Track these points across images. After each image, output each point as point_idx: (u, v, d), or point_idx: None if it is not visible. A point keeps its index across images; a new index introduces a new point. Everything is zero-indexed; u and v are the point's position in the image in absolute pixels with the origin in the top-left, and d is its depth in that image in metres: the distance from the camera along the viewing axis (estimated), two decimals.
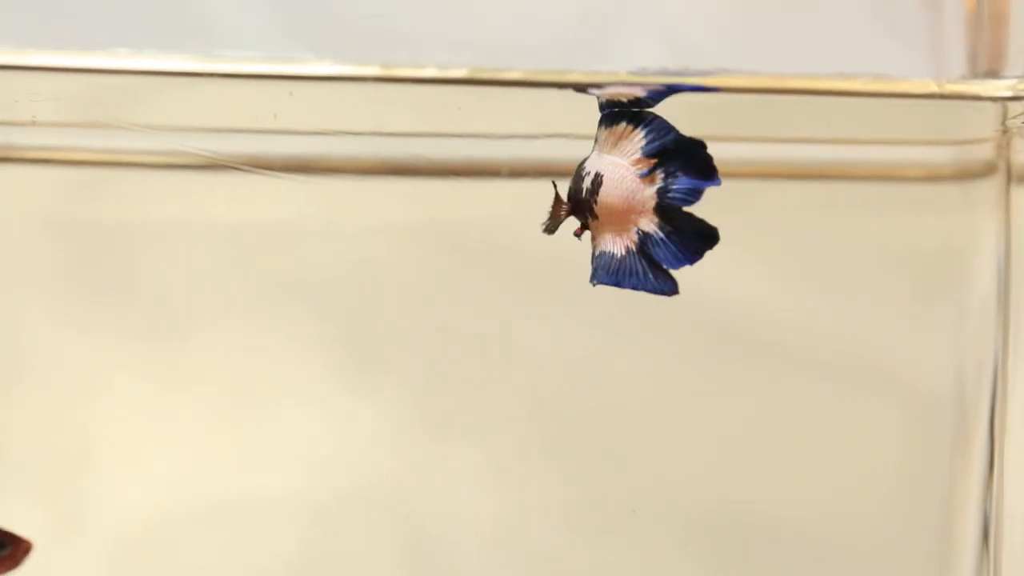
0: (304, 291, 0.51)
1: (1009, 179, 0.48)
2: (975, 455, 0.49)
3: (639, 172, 0.43)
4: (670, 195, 0.42)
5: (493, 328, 0.51)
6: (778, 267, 0.51)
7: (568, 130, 0.47)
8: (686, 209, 0.42)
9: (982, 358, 0.49)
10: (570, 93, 0.46)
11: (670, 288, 0.43)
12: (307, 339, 0.51)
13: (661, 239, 0.43)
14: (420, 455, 0.52)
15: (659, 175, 0.42)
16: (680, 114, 0.48)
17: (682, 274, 0.51)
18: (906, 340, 0.50)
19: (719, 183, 0.42)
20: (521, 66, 0.46)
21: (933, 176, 0.50)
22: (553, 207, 0.44)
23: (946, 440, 0.50)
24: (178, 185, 0.51)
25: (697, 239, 0.43)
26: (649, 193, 0.43)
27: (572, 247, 0.50)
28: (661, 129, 0.43)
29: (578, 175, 0.43)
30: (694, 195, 0.42)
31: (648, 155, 0.43)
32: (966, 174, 0.49)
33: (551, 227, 0.44)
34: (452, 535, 0.52)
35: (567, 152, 0.48)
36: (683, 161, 0.42)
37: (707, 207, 0.48)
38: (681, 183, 0.42)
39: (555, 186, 0.44)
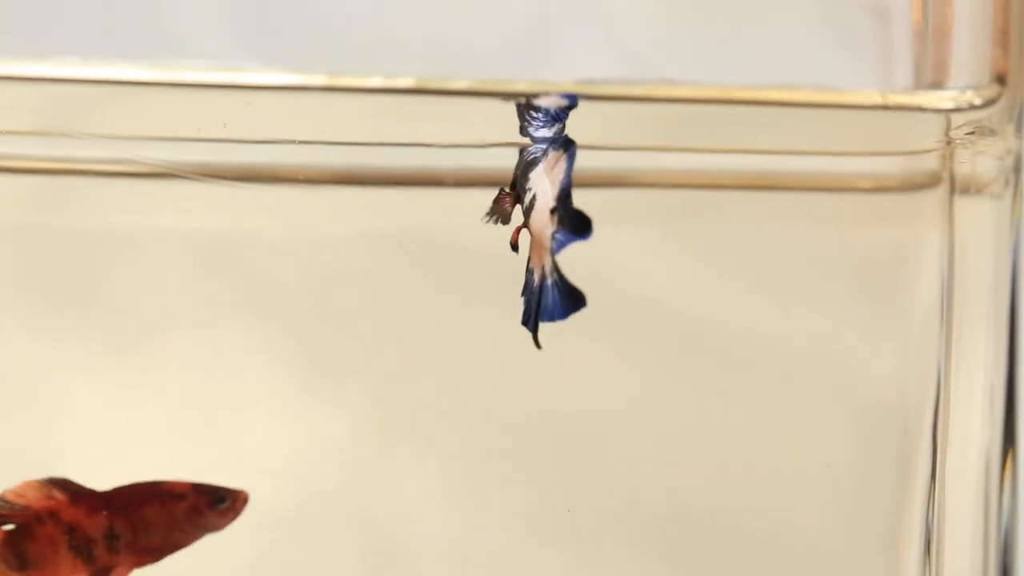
0: (261, 299, 0.52)
1: (952, 190, 0.48)
2: (919, 465, 0.49)
3: (551, 208, 0.43)
4: (554, 242, 0.42)
5: (450, 335, 0.52)
6: (725, 277, 0.51)
7: (515, 139, 0.47)
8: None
9: (926, 368, 0.49)
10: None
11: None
12: (264, 347, 0.51)
13: (549, 284, 0.43)
14: (378, 463, 0.52)
15: (555, 218, 0.43)
16: (627, 125, 0.48)
17: (636, 281, 0.52)
18: (853, 350, 0.51)
19: (587, 238, 0.42)
20: (468, 75, 0.46)
21: (879, 187, 0.50)
22: (498, 199, 0.44)
23: (893, 450, 0.50)
24: (133, 194, 0.51)
25: (569, 298, 0.43)
26: (550, 233, 0.43)
27: (524, 254, 0.50)
28: (572, 166, 0.43)
29: (523, 181, 0.44)
30: (561, 247, 0.42)
31: (559, 193, 0.43)
32: (911, 185, 0.49)
33: (500, 218, 0.44)
34: (411, 543, 0.52)
35: (513, 161, 0.48)
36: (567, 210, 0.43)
37: (654, 216, 0.48)
38: (559, 234, 0.42)
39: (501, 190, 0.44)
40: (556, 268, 0.43)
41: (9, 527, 0.49)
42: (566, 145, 0.44)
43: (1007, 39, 0.46)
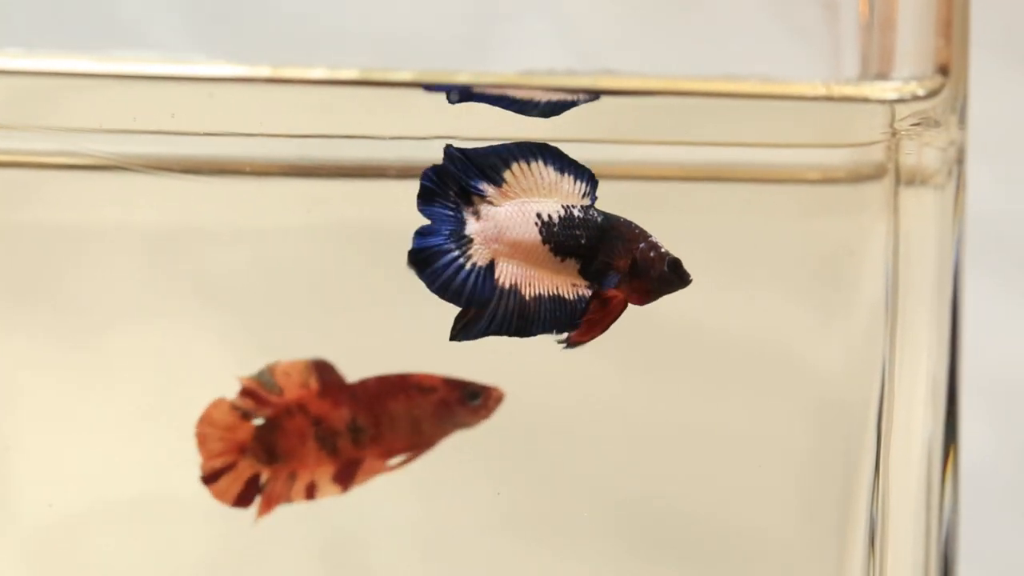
0: (211, 291, 0.51)
1: (898, 181, 0.48)
2: (866, 456, 0.49)
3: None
4: None
5: (401, 326, 0.51)
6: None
7: (458, 131, 0.47)
8: None
9: (872, 360, 0.49)
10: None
11: None
12: (215, 339, 0.51)
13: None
14: None
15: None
16: (572, 117, 0.48)
17: None
18: (800, 343, 0.50)
19: None
20: (413, 67, 0.46)
21: (827, 179, 0.50)
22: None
23: (840, 441, 0.50)
24: (81, 187, 0.51)
25: None
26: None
27: None
28: None
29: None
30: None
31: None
32: (858, 176, 0.49)
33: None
34: (370, 536, 0.52)
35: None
36: None
37: (601, 207, 0.48)
38: None
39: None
40: None
41: (259, 422, 0.48)
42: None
43: (950, 30, 0.46)
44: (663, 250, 0.44)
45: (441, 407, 0.48)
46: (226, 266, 0.51)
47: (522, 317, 0.43)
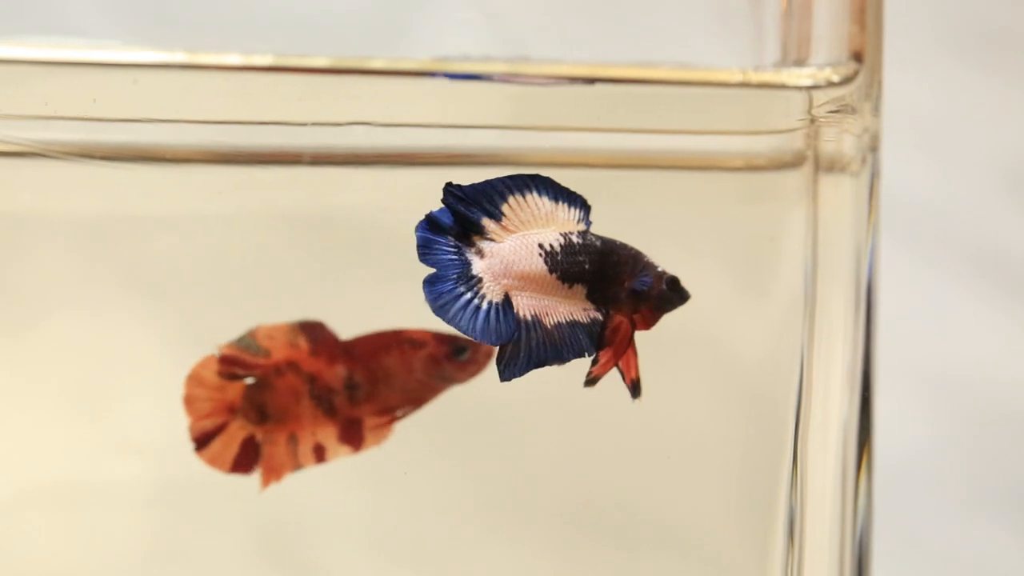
0: (138, 279, 0.51)
1: (817, 168, 0.48)
2: (786, 446, 0.49)
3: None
4: None
5: (333, 311, 0.51)
6: None
7: (371, 117, 0.47)
8: None
9: (791, 348, 0.49)
10: (374, 80, 0.46)
11: None
12: (144, 326, 0.51)
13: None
14: None
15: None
16: (495, 103, 0.48)
17: None
18: (720, 330, 0.50)
19: None
20: (328, 53, 0.46)
21: (749, 166, 0.50)
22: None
23: (761, 430, 0.50)
24: (9, 175, 0.50)
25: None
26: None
27: (407, 237, 0.50)
28: None
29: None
30: None
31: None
32: (779, 164, 0.49)
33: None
34: (311, 525, 0.52)
35: (371, 140, 0.48)
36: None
37: None
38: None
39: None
40: None
41: (249, 381, 0.48)
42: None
43: (864, 16, 0.46)
44: (660, 269, 0.44)
45: (430, 362, 0.47)
46: (151, 254, 0.51)
47: (551, 345, 0.43)
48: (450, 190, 0.42)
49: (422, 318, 0.51)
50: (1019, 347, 0.81)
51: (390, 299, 0.51)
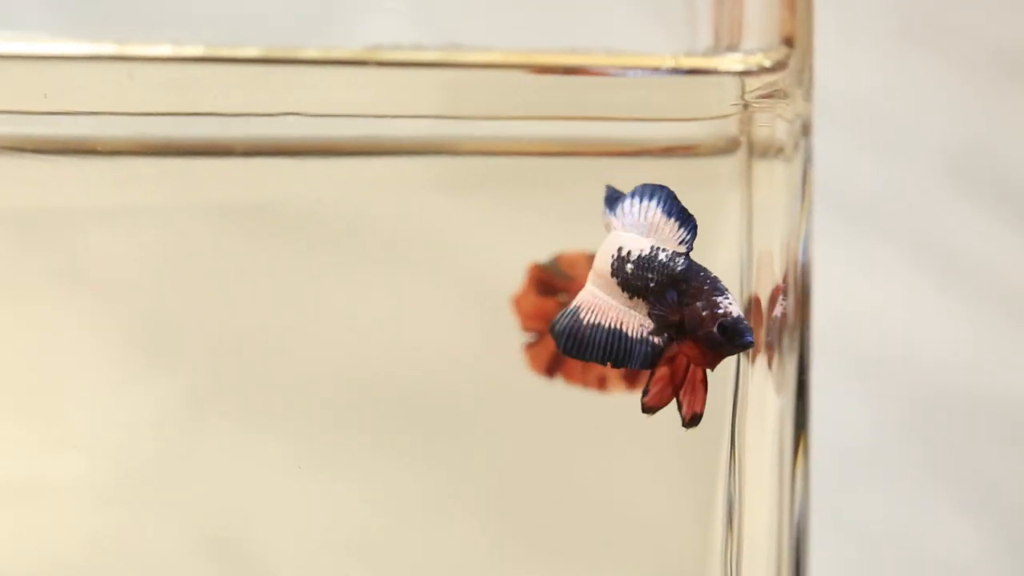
0: (79, 274, 0.51)
1: (751, 154, 0.48)
2: (723, 432, 0.49)
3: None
4: None
5: (276, 307, 0.51)
6: (533, 245, 0.51)
7: (303, 107, 0.46)
8: None
9: None
10: (306, 70, 0.46)
11: None
12: (86, 322, 0.51)
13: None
14: (214, 439, 0.51)
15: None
16: (427, 92, 0.48)
17: (450, 248, 0.51)
18: None
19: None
20: (260, 43, 0.46)
21: (683, 151, 0.50)
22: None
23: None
24: None
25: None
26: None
27: (342, 227, 0.50)
28: None
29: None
30: None
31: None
32: (714, 150, 0.49)
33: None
34: (259, 522, 0.52)
35: (302, 130, 0.48)
36: None
37: (455, 185, 0.48)
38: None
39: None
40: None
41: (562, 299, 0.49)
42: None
43: (794, 1, 0.46)
44: (721, 310, 0.42)
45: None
46: (84, 247, 0.51)
47: (573, 338, 0.43)
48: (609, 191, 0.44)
49: (361, 306, 0.51)
50: (955, 329, 0.82)
51: (325, 288, 0.51)
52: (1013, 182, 0.83)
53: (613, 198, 0.44)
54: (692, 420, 0.43)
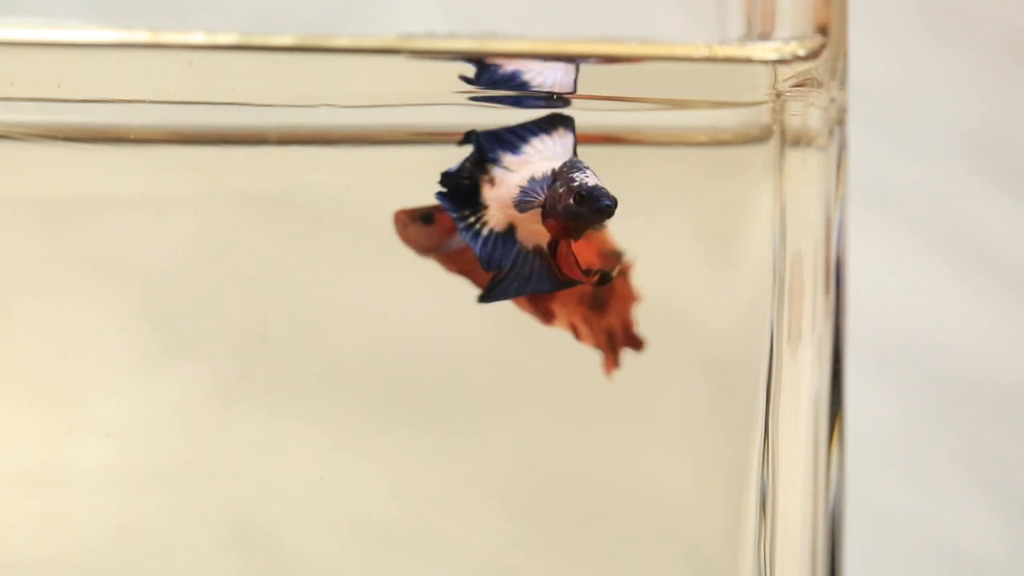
0: (110, 263, 0.51)
1: (783, 142, 0.48)
2: (757, 420, 0.49)
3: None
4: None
5: (305, 295, 0.51)
6: None
7: (335, 96, 0.46)
8: None
9: (760, 322, 0.49)
10: (337, 59, 0.46)
11: None
12: (116, 310, 0.51)
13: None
14: (237, 425, 0.51)
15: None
16: (460, 82, 0.48)
17: None
18: (689, 305, 0.50)
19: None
20: (292, 31, 0.46)
21: (715, 140, 0.50)
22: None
23: (731, 405, 0.50)
24: None
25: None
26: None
27: (372, 216, 0.50)
28: None
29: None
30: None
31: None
32: (745, 138, 0.49)
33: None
34: (284, 511, 0.52)
35: (335, 119, 0.48)
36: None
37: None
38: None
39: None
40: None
41: None
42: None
43: None
44: (576, 183, 0.43)
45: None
46: (115, 235, 0.51)
47: (552, 274, 0.44)
48: (475, 134, 0.43)
49: (390, 294, 0.51)
50: (984, 317, 0.82)
51: (353, 276, 0.51)
52: None
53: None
54: (568, 283, 0.44)
